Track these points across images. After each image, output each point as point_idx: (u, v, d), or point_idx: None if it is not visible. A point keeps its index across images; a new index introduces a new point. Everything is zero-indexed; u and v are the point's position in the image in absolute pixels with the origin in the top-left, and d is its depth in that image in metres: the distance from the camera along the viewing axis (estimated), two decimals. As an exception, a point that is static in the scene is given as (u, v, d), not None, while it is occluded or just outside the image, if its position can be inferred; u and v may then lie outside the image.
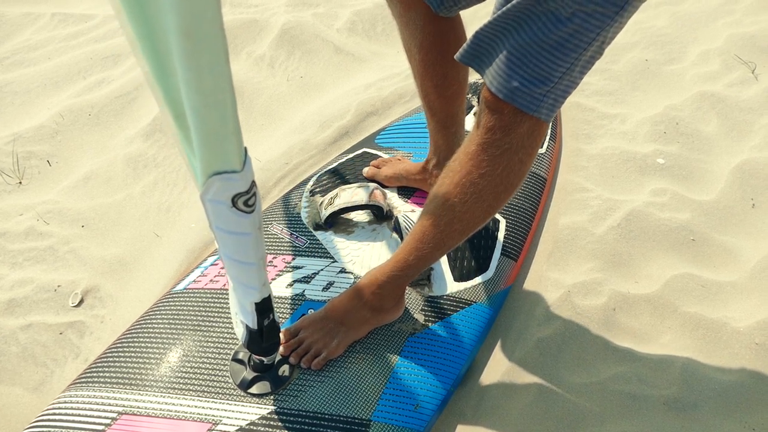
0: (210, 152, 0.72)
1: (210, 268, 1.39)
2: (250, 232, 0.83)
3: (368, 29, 2.53)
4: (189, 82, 0.63)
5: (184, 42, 0.59)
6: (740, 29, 2.26)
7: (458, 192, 1.00)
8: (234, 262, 0.88)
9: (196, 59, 0.61)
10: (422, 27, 1.21)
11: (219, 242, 0.87)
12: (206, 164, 0.73)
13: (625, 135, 1.87)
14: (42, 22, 2.71)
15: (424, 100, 1.35)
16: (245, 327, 1.01)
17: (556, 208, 1.67)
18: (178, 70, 0.63)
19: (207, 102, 0.65)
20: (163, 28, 0.61)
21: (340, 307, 1.19)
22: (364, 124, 2.01)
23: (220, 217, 0.81)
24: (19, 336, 1.44)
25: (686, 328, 1.37)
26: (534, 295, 1.46)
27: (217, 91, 0.65)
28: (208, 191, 0.77)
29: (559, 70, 0.87)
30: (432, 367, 1.22)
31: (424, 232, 1.08)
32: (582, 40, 0.84)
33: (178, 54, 0.61)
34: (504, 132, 0.93)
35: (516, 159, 0.95)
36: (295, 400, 1.12)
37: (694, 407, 1.22)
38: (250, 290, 0.92)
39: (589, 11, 0.81)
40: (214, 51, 0.61)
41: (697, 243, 1.55)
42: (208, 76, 0.63)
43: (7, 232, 1.69)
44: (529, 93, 0.89)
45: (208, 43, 0.60)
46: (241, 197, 0.78)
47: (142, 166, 1.88)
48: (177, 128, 0.73)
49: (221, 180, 0.75)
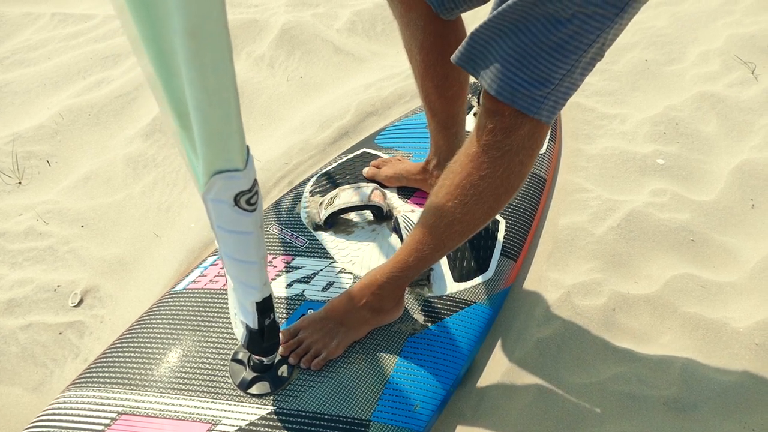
0: (213, 151, 0.72)
1: (209, 268, 1.38)
2: (252, 231, 0.83)
3: (368, 29, 2.53)
4: (193, 81, 0.64)
5: (189, 41, 0.60)
6: (740, 29, 2.26)
7: (459, 193, 1.00)
8: (235, 261, 0.88)
9: (201, 58, 0.61)
10: (423, 28, 1.21)
11: (220, 242, 0.86)
12: (209, 163, 0.73)
13: (624, 135, 1.87)
14: (42, 22, 2.71)
15: (424, 101, 1.35)
16: (245, 327, 1.01)
17: (555, 209, 1.67)
18: (182, 70, 0.63)
19: (211, 101, 0.66)
20: (167, 28, 0.61)
21: (339, 308, 1.19)
22: (363, 124, 2.01)
23: (222, 216, 0.81)
24: (18, 336, 1.44)
25: (686, 329, 1.37)
26: (534, 295, 1.46)
27: (221, 90, 0.65)
28: (210, 190, 0.77)
29: (559, 71, 0.87)
30: (431, 368, 1.22)
31: (424, 233, 1.08)
32: (582, 41, 0.84)
33: (183, 53, 0.61)
34: (505, 134, 0.93)
35: (516, 161, 0.95)
36: (295, 401, 1.12)
37: (694, 408, 1.22)
38: (251, 290, 0.92)
39: (589, 13, 0.81)
40: (219, 50, 0.62)
41: (697, 243, 1.55)
42: (213, 74, 0.63)
43: (7, 232, 1.69)
44: (530, 95, 0.88)
45: (212, 42, 0.61)
46: (244, 195, 0.78)
47: (141, 166, 1.88)
48: (179, 128, 0.73)
49: (224, 179, 0.75)
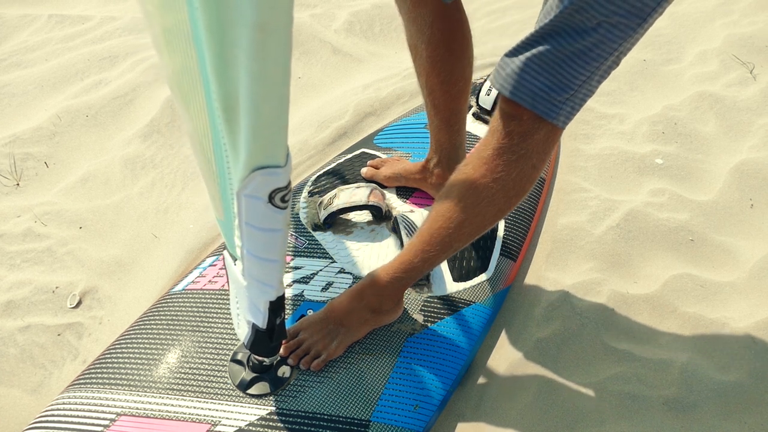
0: (258, 146, 0.72)
1: (208, 269, 1.38)
2: (281, 229, 0.84)
3: (366, 30, 2.53)
4: (254, 74, 0.64)
5: (257, 34, 0.61)
6: (738, 29, 2.26)
7: (471, 194, 1.01)
8: (258, 259, 0.88)
9: (266, 51, 0.63)
10: (431, 23, 1.22)
11: (246, 239, 0.86)
12: (252, 158, 0.74)
13: (623, 135, 1.87)
14: (39, 23, 2.71)
15: (428, 98, 1.35)
16: (251, 327, 1.00)
17: (554, 209, 1.67)
18: (242, 62, 0.64)
19: (267, 94, 0.67)
20: (234, 19, 0.62)
21: (340, 308, 1.19)
22: (362, 124, 2.01)
23: (254, 212, 0.81)
24: (17, 337, 1.43)
25: (685, 328, 1.37)
26: (533, 295, 1.46)
27: (279, 84, 0.67)
28: (246, 186, 0.77)
29: (579, 78, 0.89)
30: (431, 368, 1.22)
31: (432, 233, 1.08)
32: (605, 50, 0.87)
33: (248, 46, 0.62)
34: (521, 138, 0.95)
35: (530, 165, 0.98)
36: (295, 401, 1.12)
37: (694, 407, 1.22)
38: (267, 288, 0.92)
39: (614, 22, 0.84)
40: (283, 45, 0.63)
41: (696, 243, 1.55)
42: (273, 68, 0.64)
43: (5, 233, 1.68)
44: (550, 99, 0.91)
45: (278, 36, 0.62)
46: (279, 192, 0.78)
47: (140, 167, 1.87)
48: (223, 121, 0.74)
49: (263, 174, 0.75)
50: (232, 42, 0.64)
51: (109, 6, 2.86)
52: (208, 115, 0.77)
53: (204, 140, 0.82)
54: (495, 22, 2.47)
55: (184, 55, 0.71)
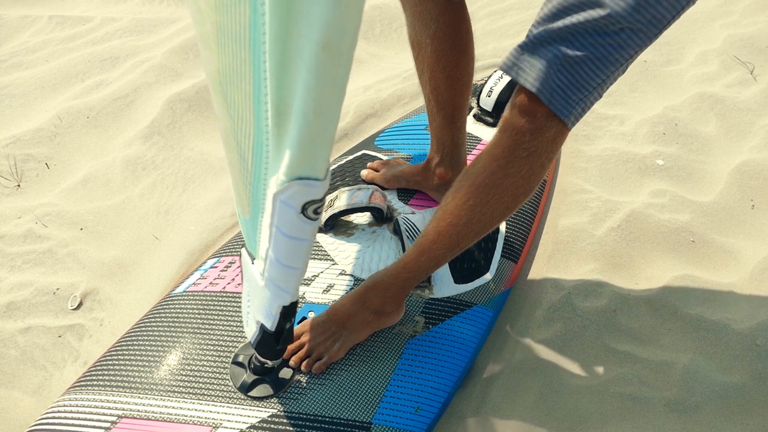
0: (302, 157, 0.73)
1: (209, 270, 1.38)
2: (308, 239, 0.84)
3: (366, 31, 2.53)
4: (310, 89, 0.65)
5: (321, 53, 0.62)
6: (738, 30, 2.26)
7: (480, 192, 1.02)
8: (280, 265, 0.88)
9: (325, 70, 0.64)
10: (437, 17, 1.23)
11: (272, 243, 0.87)
12: (293, 168, 0.75)
13: (624, 136, 1.87)
14: (39, 24, 2.71)
15: (432, 94, 1.35)
16: (259, 327, 1.00)
17: (555, 210, 1.67)
18: (301, 74, 0.65)
19: (318, 110, 0.67)
20: (300, 32, 0.63)
21: (342, 311, 1.19)
22: (363, 126, 2.01)
23: (285, 219, 0.81)
24: (18, 339, 1.43)
25: (687, 330, 1.37)
26: (534, 296, 1.46)
27: (332, 103, 0.68)
28: (284, 191, 0.77)
29: (596, 80, 0.91)
30: (433, 370, 1.22)
31: (440, 232, 1.08)
32: (623, 54, 0.89)
33: (309, 62, 0.63)
34: (532, 135, 0.96)
35: (538, 163, 0.99)
36: (296, 403, 1.12)
37: (695, 409, 1.22)
38: (283, 293, 0.92)
39: (635, 29, 0.86)
40: (343, 66, 0.64)
41: (697, 244, 1.55)
42: (330, 87, 0.66)
43: (6, 235, 1.68)
44: (566, 98, 0.92)
45: (341, 58, 0.63)
46: (312, 205, 0.79)
47: (140, 168, 1.87)
48: (273, 125, 0.75)
49: (301, 185, 0.76)
50: (296, 53, 0.64)
51: (110, 7, 2.87)
52: (254, 116, 0.78)
53: (244, 140, 0.82)
54: (495, 23, 2.47)
55: (232, 55, 0.72)
